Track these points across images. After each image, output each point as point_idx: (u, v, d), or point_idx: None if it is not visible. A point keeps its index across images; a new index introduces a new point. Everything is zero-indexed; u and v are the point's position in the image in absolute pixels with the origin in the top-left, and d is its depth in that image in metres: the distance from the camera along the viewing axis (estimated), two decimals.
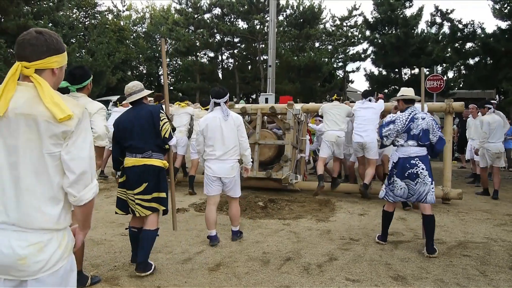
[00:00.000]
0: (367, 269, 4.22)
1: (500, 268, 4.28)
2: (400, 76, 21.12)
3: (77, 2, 24.83)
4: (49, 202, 1.71)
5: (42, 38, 1.76)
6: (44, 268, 1.69)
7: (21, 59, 1.74)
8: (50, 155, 1.69)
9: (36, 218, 1.68)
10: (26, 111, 1.67)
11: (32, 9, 17.43)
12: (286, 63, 22.98)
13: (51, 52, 1.78)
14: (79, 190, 1.75)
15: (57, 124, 1.67)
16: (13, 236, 1.67)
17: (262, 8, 24.54)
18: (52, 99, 1.68)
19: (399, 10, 20.12)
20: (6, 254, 1.65)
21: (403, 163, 4.74)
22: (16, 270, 1.66)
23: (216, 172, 4.81)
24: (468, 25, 16.12)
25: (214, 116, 4.83)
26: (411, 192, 4.75)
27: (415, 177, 4.69)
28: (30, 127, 1.67)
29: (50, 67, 1.79)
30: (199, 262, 4.37)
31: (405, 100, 5.01)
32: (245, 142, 4.94)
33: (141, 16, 34.98)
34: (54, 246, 1.72)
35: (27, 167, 1.68)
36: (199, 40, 25.63)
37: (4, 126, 1.67)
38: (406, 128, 4.75)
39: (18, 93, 1.69)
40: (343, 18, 27.88)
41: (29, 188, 1.68)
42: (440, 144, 4.83)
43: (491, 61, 15.78)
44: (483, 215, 6.52)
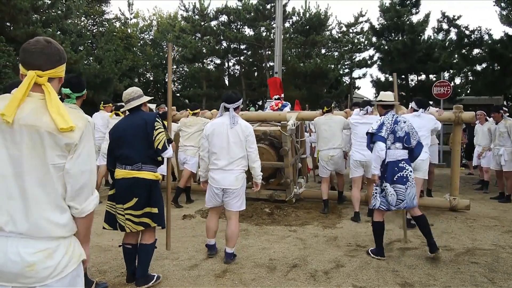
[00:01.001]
0: (374, 276, 4.20)
1: (508, 275, 4.24)
2: (406, 82, 21.06)
3: (85, 10, 25.06)
4: (55, 211, 1.72)
5: (54, 47, 1.78)
6: (52, 274, 1.70)
7: (33, 67, 1.74)
8: (54, 166, 1.69)
9: (44, 227, 1.69)
10: (29, 122, 1.67)
11: (41, 17, 17.62)
12: (292, 70, 23.02)
13: (62, 61, 1.81)
14: (81, 203, 1.77)
15: (60, 136, 1.67)
16: (21, 244, 1.67)
17: (269, 15, 24.64)
18: (58, 109, 1.69)
19: (405, 17, 20.10)
20: (14, 261, 1.65)
21: (391, 167, 4.62)
22: (24, 277, 1.67)
23: (220, 182, 4.45)
24: (475, 31, 16.06)
25: (222, 122, 4.49)
26: (400, 198, 4.58)
27: (405, 181, 4.57)
28: (33, 139, 1.67)
29: (59, 76, 1.82)
30: (206, 268, 4.37)
31: (384, 105, 4.90)
32: (254, 153, 4.52)
33: (148, 24, 35.26)
34: (61, 253, 1.73)
35: (32, 178, 1.68)
36: (205, 47, 25.75)
37: (8, 137, 1.67)
38: (392, 130, 4.63)
39: (25, 104, 1.70)
40: (350, 24, 27.93)
41: (35, 198, 1.69)
42: (419, 149, 4.75)
43: (498, 67, 15.69)
44: (491, 222, 6.47)
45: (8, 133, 1.67)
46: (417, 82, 21.10)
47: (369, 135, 4.76)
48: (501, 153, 8.13)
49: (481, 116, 9.59)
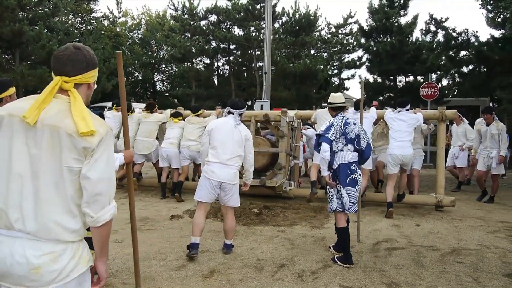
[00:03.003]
0: (361, 276, 4.23)
1: (493, 274, 4.30)
2: (395, 83, 21.22)
3: (73, 8, 24.84)
4: (66, 215, 1.71)
5: (81, 53, 1.81)
6: (57, 278, 1.68)
7: (60, 73, 1.78)
8: (68, 169, 1.69)
9: (52, 229, 1.68)
10: (52, 123, 1.69)
11: (27, 15, 17.41)
12: (281, 70, 23.05)
13: (89, 68, 1.84)
14: (97, 211, 1.73)
15: (79, 138, 1.67)
16: (27, 245, 1.67)
17: (258, 15, 24.63)
18: (81, 113, 1.71)
19: (394, 18, 20.24)
20: (20, 263, 1.65)
21: (344, 170, 4.54)
22: (28, 280, 1.66)
23: (220, 176, 4.61)
24: (462, 34, 16.25)
25: (225, 121, 4.80)
26: (352, 201, 4.53)
27: (355, 184, 4.55)
28: (53, 139, 1.68)
29: (87, 81, 1.86)
30: (193, 269, 4.36)
31: (334, 108, 4.88)
32: (252, 158, 4.89)
33: (137, 23, 35.02)
34: (67, 257, 1.71)
35: (47, 178, 1.69)
36: (195, 47, 25.65)
37: (31, 136, 1.69)
38: (343, 131, 4.58)
39: (51, 105, 1.73)
40: (339, 25, 28.07)
41: (48, 199, 1.69)
42: (368, 151, 4.71)
43: (484, 69, 15.89)
44: (477, 222, 6.55)
45: (31, 132, 1.69)
46: (405, 83, 21.25)
47: (317, 136, 4.78)
48: (493, 156, 8.06)
49: (457, 118, 9.71)
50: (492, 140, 8.10)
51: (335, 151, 4.56)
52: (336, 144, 4.56)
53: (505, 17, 14.35)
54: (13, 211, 1.68)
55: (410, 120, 6.88)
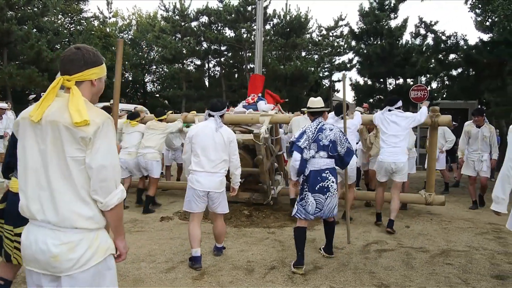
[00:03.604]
0: (351, 278, 4.23)
1: (481, 276, 4.33)
2: (385, 86, 21.34)
3: (62, 8, 24.62)
4: (79, 203, 1.85)
5: (80, 53, 1.94)
6: (75, 266, 1.83)
7: (63, 73, 1.93)
8: (73, 159, 1.83)
9: (69, 217, 1.83)
10: (53, 118, 1.83)
11: (16, 14, 17.23)
12: (272, 72, 23.03)
13: (88, 66, 1.95)
14: (104, 196, 1.87)
15: (75, 129, 1.80)
16: (48, 234, 1.84)
17: (249, 17, 24.62)
18: (76, 106, 1.83)
19: (384, 21, 20.36)
20: (42, 250, 1.82)
21: (314, 177, 4.42)
22: (50, 266, 1.83)
23: (205, 186, 4.41)
24: (451, 37, 16.42)
25: (206, 125, 4.54)
26: (319, 207, 4.42)
27: (326, 191, 4.41)
28: (54, 133, 1.83)
29: (89, 78, 1.96)
30: (183, 271, 4.33)
31: (312, 112, 4.73)
32: (237, 160, 4.63)
33: (127, 23, 34.79)
34: (84, 247, 1.85)
35: (55, 170, 1.84)
36: (185, 48, 25.54)
37: (38, 133, 1.86)
38: (315, 138, 4.45)
39: (54, 103, 1.88)
40: (329, 28, 28.14)
41: (59, 190, 1.84)
42: (349, 156, 4.55)
43: (473, 72, 16.06)
44: (465, 224, 6.60)
45: (38, 129, 1.86)
46: (395, 86, 21.38)
47: (290, 144, 4.66)
48: (485, 159, 7.77)
49: None
50: (483, 142, 7.79)
51: (306, 158, 4.42)
52: (307, 151, 4.42)
53: (493, 21, 14.52)
54: (33, 203, 1.86)
55: (405, 121, 6.04)
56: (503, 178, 3.41)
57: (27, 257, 1.89)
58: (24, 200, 1.90)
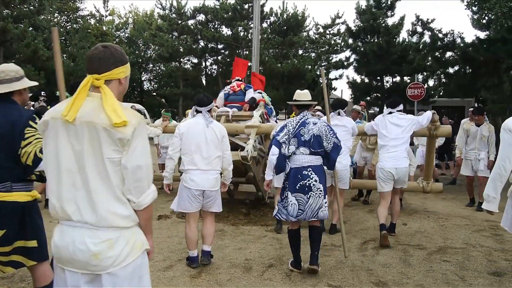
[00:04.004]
0: (349, 275, 4.24)
1: (478, 273, 4.35)
2: (382, 84, 21.39)
3: (59, 6, 24.54)
4: (115, 202, 1.86)
5: (108, 51, 1.93)
6: (115, 263, 1.84)
7: (92, 72, 1.91)
8: (110, 160, 1.83)
9: (106, 216, 1.84)
10: (89, 119, 1.82)
11: (12, 12, 17.16)
12: (269, 70, 23.05)
13: (117, 64, 1.95)
14: (138, 196, 1.89)
15: (113, 131, 1.80)
16: (86, 234, 1.84)
17: (246, 15, 24.62)
18: (112, 106, 1.83)
19: (381, 19, 20.40)
20: (82, 250, 1.82)
21: (294, 174, 4.11)
22: (90, 265, 1.84)
23: (200, 184, 4.25)
24: (448, 35, 16.44)
25: (196, 121, 4.38)
26: (301, 208, 4.08)
27: (307, 191, 4.06)
28: (91, 134, 1.82)
29: (117, 77, 1.96)
30: (181, 269, 4.33)
31: (298, 106, 4.42)
32: (229, 155, 4.50)
33: (124, 21, 34.74)
34: (122, 244, 1.87)
35: (92, 171, 1.84)
36: (182, 46, 25.53)
37: (72, 133, 1.85)
38: (296, 132, 4.12)
39: (86, 103, 1.86)
40: (326, 26, 28.17)
41: (96, 190, 1.84)
42: (336, 152, 4.20)
43: (470, 70, 16.09)
44: (462, 221, 6.62)
45: (72, 130, 1.84)
46: (392, 84, 21.44)
47: (271, 138, 4.36)
48: (482, 157, 7.58)
49: None
50: (481, 142, 7.58)
51: (285, 154, 4.09)
52: (286, 146, 4.09)
53: (490, 18, 14.54)
54: (68, 204, 1.85)
55: (406, 123, 5.50)
56: (495, 177, 3.33)
57: (64, 258, 1.88)
58: (56, 202, 1.88)
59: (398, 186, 5.56)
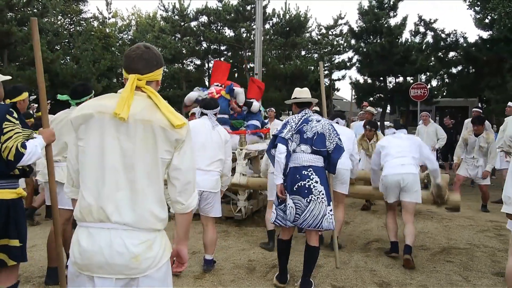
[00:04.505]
0: (352, 276, 4.25)
1: (482, 273, 4.34)
2: (385, 84, 21.34)
3: (62, 9, 24.61)
4: (158, 204, 1.82)
5: (151, 52, 1.90)
6: (152, 265, 1.79)
7: (132, 71, 1.87)
8: (162, 160, 1.81)
9: (147, 218, 1.78)
10: (144, 117, 1.78)
11: (16, 15, 17.22)
12: (272, 71, 23.04)
13: (158, 65, 1.94)
14: (187, 198, 1.89)
15: (171, 131, 1.79)
16: (125, 235, 1.76)
17: (249, 16, 24.61)
18: (168, 108, 1.83)
19: (383, 20, 20.36)
20: (120, 253, 1.73)
21: (292, 174, 3.78)
22: (129, 268, 1.75)
23: (200, 185, 4.00)
24: (450, 35, 16.43)
25: (202, 122, 4.35)
26: (299, 212, 3.71)
27: (307, 193, 3.69)
28: (147, 132, 1.78)
29: (156, 79, 1.95)
30: (185, 270, 4.34)
31: (298, 104, 4.16)
32: (230, 162, 4.46)
33: (127, 23, 34.81)
34: (158, 244, 1.83)
35: (141, 170, 1.78)
36: (185, 48, 25.54)
37: (122, 130, 1.78)
38: (298, 129, 3.85)
39: (136, 102, 1.81)
40: (329, 27, 28.12)
41: (142, 190, 1.78)
42: (338, 153, 3.91)
43: (473, 70, 16.08)
44: (466, 222, 6.61)
45: (123, 127, 1.78)
46: (395, 84, 21.39)
47: (272, 138, 4.03)
48: (480, 164, 7.35)
49: (425, 118, 9.71)
50: (479, 152, 7.35)
51: (291, 151, 3.84)
52: (291, 143, 3.83)
53: (492, 18, 14.53)
54: (108, 204, 1.76)
55: (414, 139, 5.13)
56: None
57: (95, 264, 1.75)
58: (94, 201, 1.78)
59: (407, 199, 4.73)
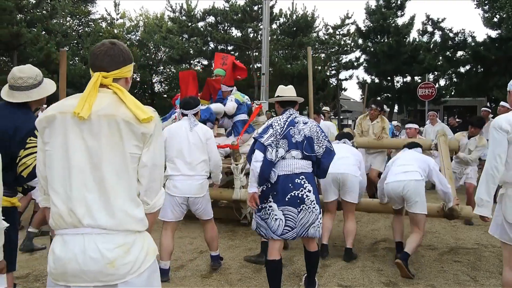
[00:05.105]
0: (359, 275, 4.25)
1: (490, 273, 4.33)
2: (392, 84, 21.29)
3: (71, 10, 24.84)
4: (131, 203, 1.72)
5: (117, 48, 1.81)
6: (132, 270, 1.69)
7: (98, 69, 1.79)
8: (131, 155, 1.70)
9: (122, 219, 1.68)
10: (108, 112, 1.69)
11: (25, 17, 17.43)
12: (279, 71, 23.07)
13: (126, 62, 1.84)
14: (152, 198, 1.78)
15: (137, 125, 1.69)
16: (99, 239, 1.66)
17: (256, 16, 24.64)
18: (134, 103, 1.74)
19: (391, 19, 20.32)
20: (94, 259, 1.64)
21: (284, 183, 3.39)
22: (105, 275, 1.65)
23: (184, 191, 3.98)
24: (459, 34, 16.38)
25: (179, 125, 4.19)
26: (290, 224, 3.37)
27: (299, 203, 3.38)
28: (111, 128, 1.68)
29: (125, 76, 1.86)
30: (192, 269, 4.37)
31: (281, 102, 3.79)
32: (216, 157, 4.22)
33: (134, 24, 34.92)
34: (138, 248, 1.72)
35: (109, 168, 1.68)
36: (192, 48, 25.64)
37: (86, 128, 1.69)
38: (284, 133, 3.45)
39: (100, 99, 1.73)
40: (336, 26, 28.07)
41: (113, 190, 1.68)
42: (329, 158, 3.56)
43: (481, 69, 16.00)
44: (474, 221, 6.56)
45: (86, 125, 1.68)
46: (403, 84, 21.33)
47: (253, 142, 3.59)
48: (467, 172, 6.71)
49: (432, 117, 9.66)
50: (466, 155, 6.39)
51: (272, 160, 3.37)
52: (272, 150, 3.38)
53: (501, 17, 14.43)
54: (78, 207, 1.67)
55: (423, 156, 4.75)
56: (487, 178, 2.88)
57: (70, 273, 1.66)
58: (62, 205, 1.68)
59: (411, 210, 4.41)
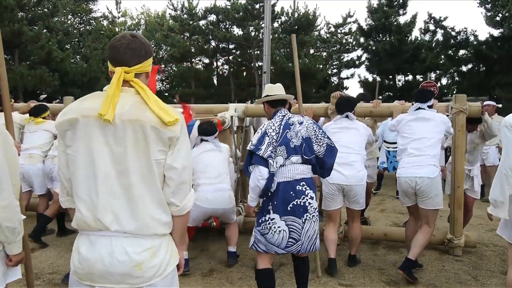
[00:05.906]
0: (360, 274, 4.24)
1: (491, 272, 4.31)
2: (394, 82, 21.25)
3: (72, 8, 24.85)
4: (158, 208, 1.69)
5: (138, 41, 1.72)
6: (157, 273, 1.68)
7: (118, 63, 1.69)
8: (156, 162, 1.65)
9: (149, 225, 1.66)
10: (132, 117, 1.61)
11: (26, 15, 17.44)
12: (281, 70, 23.03)
13: (147, 56, 1.74)
14: (181, 200, 1.73)
15: (164, 130, 1.62)
16: (126, 243, 1.64)
17: (257, 15, 24.63)
18: (158, 104, 1.65)
19: (393, 18, 20.27)
20: (122, 261, 1.63)
21: (284, 190, 3.06)
22: (132, 277, 1.64)
23: (213, 202, 4.17)
24: (461, 33, 16.30)
25: (204, 147, 4.38)
26: (294, 236, 3.04)
27: (302, 212, 3.04)
28: (137, 134, 1.62)
29: (146, 70, 1.76)
30: (193, 267, 4.37)
31: (272, 102, 3.40)
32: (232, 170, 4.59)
33: (136, 23, 35.05)
34: (164, 251, 1.71)
35: (136, 174, 1.64)
36: (194, 47, 25.65)
37: (110, 133, 1.62)
38: (281, 139, 3.09)
39: (122, 99, 1.64)
40: (338, 25, 28.05)
41: (140, 195, 1.65)
42: (332, 156, 3.23)
43: (483, 68, 15.93)
44: (475, 221, 6.56)
45: (110, 130, 1.61)
46: (404, 83, 21.29)
47: (248, 154, 3.17)
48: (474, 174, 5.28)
49: None
50: (473, 152, 5.23)
51: (273, 172, 3.05)
52: (273, 161, 3.05)
53: (503, 16, 14.39)
54: (105, 214, 1.64)
55: (438, 121, 4.18)
56: (501, 178, 2.76)
57: (96, 273, 1.65)
58: (88, 213, 1.65)
59: (423, 205, 4.09)
